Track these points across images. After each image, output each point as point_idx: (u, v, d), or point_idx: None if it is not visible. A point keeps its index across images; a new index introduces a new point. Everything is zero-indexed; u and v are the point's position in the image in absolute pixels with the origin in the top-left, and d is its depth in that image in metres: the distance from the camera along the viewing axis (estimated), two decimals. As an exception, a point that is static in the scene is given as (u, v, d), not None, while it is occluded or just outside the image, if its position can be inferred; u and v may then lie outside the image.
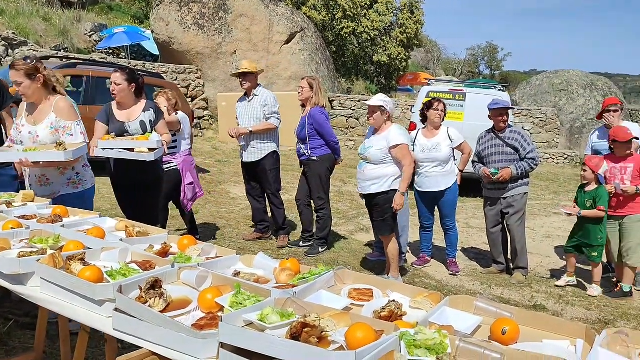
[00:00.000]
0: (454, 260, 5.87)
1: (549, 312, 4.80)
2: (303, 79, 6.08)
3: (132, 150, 4.14)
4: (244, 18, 15.20)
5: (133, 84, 4.36)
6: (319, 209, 6.06)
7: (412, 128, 8.40)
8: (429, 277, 5.66)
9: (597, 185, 5.14)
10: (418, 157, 5.58)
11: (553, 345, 1.73)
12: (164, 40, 15.03)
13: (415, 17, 25.27)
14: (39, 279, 2.24)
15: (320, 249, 6.06)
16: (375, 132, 4.96)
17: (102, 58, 15.47)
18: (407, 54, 25.96)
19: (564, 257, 5.73)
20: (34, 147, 3.69)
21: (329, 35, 22.77)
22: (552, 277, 5.78)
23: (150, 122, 4.39)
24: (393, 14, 25.44)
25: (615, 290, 5.26)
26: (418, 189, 5.75)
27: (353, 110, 16.53)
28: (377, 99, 4.90)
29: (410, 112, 13.64)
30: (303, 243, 6.24)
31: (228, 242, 6.27)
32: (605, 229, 5.18)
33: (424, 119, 5.76)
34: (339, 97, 16.73)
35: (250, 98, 6.08)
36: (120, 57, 18.04)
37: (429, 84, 10.53)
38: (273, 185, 6.17)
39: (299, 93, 6.01)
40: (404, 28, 24.93)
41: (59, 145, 3.61)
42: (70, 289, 2.11)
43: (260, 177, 6.17)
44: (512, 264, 5.77)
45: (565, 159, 15.61)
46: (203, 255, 2.57)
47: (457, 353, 1.55)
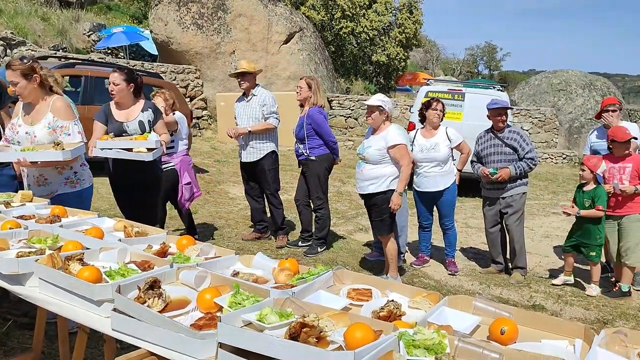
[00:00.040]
0: (453, 260, 5.88)
1: (548, 311, 4.81)
2: (301, 79, 6.08)
3: (130, 150, 4.13)
4: (243, 18, 15.20)
5: (131, 84, 4.35)
6: (318, 209, 6.06)
7: (410, 128, 8.40)
8: (428, 277, 5.66)
9: (595, 185, 5.14)
10: (417, 157, 5.58)
11: (552, 345, 1.73)
12: (163, 40, 15.02)
13: (414, 17, 25.26)
14: (38, 279, 2.24)
15: (319, 249, 6.06)
16: (374, 132, 4.96)
17: (100, 58, 15.45)
18: (405, 54, 25.94)
19: (563, 256, 5.73)
20: (32, 147, 3.69)
21: (328, 35, 22.77)
22: (550, 276, 5.79)
23: (149, 122, 4.38)
24: (392, 14, 25.41)
25: (614, 290, 5.27)
26: (417, 189, 5.75)
27: (352, 110, 16.53)
28: (375, 99, 4.90)
29: (409, 112, 13.63)
30: (302, 243, 6.24)
31: (227, 242, 6.26)
32: (604, 229, 5.19)
33: (423, 119, 5.76)
34: (338, 97, 16.73)
35: (249, 98, 6.08)
36: (119, 57, 18.03)
37: (428, 84, 10.53)
38: (272, 185, 6.17)
39: (297, 93, 6.01)
40: (403, 28, 24.91)
41: (57, 145, 3.61)
42: (69, 289, 2.11)
43: (259, 177, 6.17)
44: (510, 264, 5.77)
45: (564, 159, 15.62)
46: (202, 255, 2.57)
47: (455, 353, 1.55)
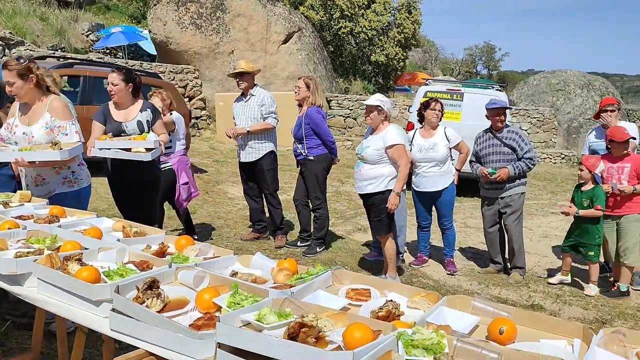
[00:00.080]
0: (452, 260, 5.88)
1: (547, 311, 4.81)
2: (299, 79, 6.08)
3: (129, 150, 4.13)
4: (242, 18, 15.19)
5: (130, 84, 4.35)
6: (316, 209, 6.06)
7: (409, 128, 8.40)
8: (427, 276, 5.66)
9: (593, 185, 5.15)
10: (415, 157, 5.58)
11: (550, 345, 1.73)
12: (161, 40, 15.00)
13: (413, 17, 25.25)
14: (36, 280, 2.24)
15: (318, 249, 6.06)
16: (373, 132, 4.96)
17: (99, 58, 15.42)
18: (404, 54, 25.94)
19: (561, 256, 5.74)
20: (29, 147, 3.68)
21: (327, 35, 22.76)
22: (549, 276, 5.79)
23: (148, 122, 4.38)
24: (390, 14, 25.41)
25: (613, 290, 5.28)
26: (415, 189, 5.76)
27: (351, 110, 16.53)
28: (374, 99, 4.90)
29: (408, 112, 13.64)
30: (301, 243, 6.24)
31: (226, 242, 6.26)
32: (602, 229, 5.19)
33: (422, 119, 5.76)
34: (337, 96, 16.73)
35: (247, 98, 6.07)
36: (118, 57, 18.00)
37: (427, 84, 10.54)
38: (270, 185, 6.17)
39: (296, 93, 6.02)
40: (402, 28, 24.91)
41: (54, 145, 3.60)
42: (68, 290, 2.11)
43: (258, 177, 6.16)
44: (509, 264, 5.77)
45: (563, 159, 15.64)
46: (200, 256, 2.56)
47: (454, 353, 1.55)
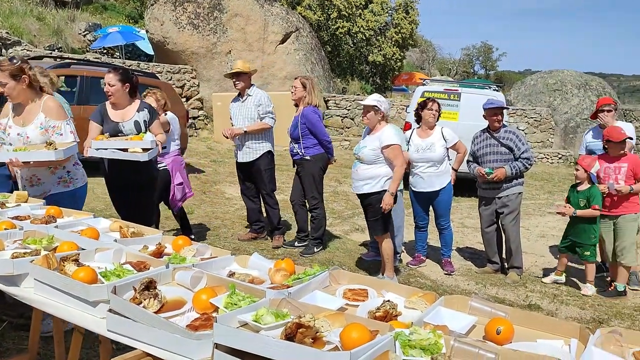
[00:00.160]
0: (449, 260, 5.89)
1: (544, 311, 4.82)
2: (296, 79, 6.07)
3: (126, 151, 4.12)
4: (239, 18, 15.18)
5: (127, 84, 4.34)
6: (313, 209, 6.06)
7: (407, 128, 8.40)
8: (424, 276, 5.67)
9: (589, 185, 5.16)
10: (412, 157, 5.59)
11: (547, 345, 1.73)
12: (159, 40, 14.99)
13: (410, 17, 25.28)
14: (33, 280, 2.23)
15: (316, 249, 6.05)
16: (371, 132, 4.97)
17: (96, 58, 15.38)
18: (402, 54, 25.97)
19: (558, 256, 5.75)
20: (24, 147, 3.67)
21: (324, 35, 22.77)
22: (544, 276, 5.79)
23: (145, 122, 4.37)
24: (388, 14, 25.44)
25: (609, 290, 5.29)
26: (413, 189, 5.76)
27: (348, 110, 16.54)
28: (371, 99, 4.90)
29: (405, 112, 13.66)
30: (298, 243, 6.23)
31: (223, 242, 6.25)
32: (598, 228, 5.20)
33: (419, 119, 5.77)
34: (334, 97, 16.73)
35: (244, 98, 6.07)
36: (115, 56, 17.97)
37: (424, 84, 10.55)
38: (268, 186, 6.16)
39: (292, 93, 6.01)
40: (399, 28, 24.94)
41: (49, 145, 3.59)
42: (64, 290, 2.10)
43: (255, 177, 6.16)
44: (506, 264, 5.78)
45: (560, 159, 15.67)
46: (198, 256, 2.56)
47: (451, 353, 1.55)
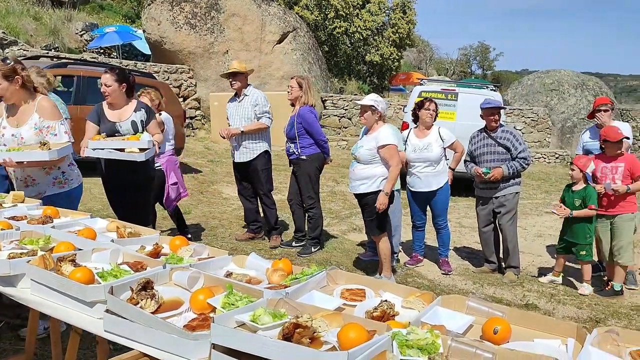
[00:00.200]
0: (447, 260, 5.89)
1: (541, 310, 4.83)
2: (292, 79, 6.08)
3: (122, 151, 4.11)
4: (236, 18, 15.16)
5: (124, 84, 4.32)
6: (309, 209, 6.05)
7: (404, 128, 8.41)
8: (422, 276, 5.67)
9: (585, 185, 5.17)
10: (409, 157, 5.59)
11: (544, 345, 1.73)
12: (156, 40, 14.96)
13: (408, 16, 25.31)
14: (30, 281, 2.23)
15: (313, 249, 6.05)
16: (368, 131, 4.97)
17: (93, 58, 15.36)
18: (399, 54, 26.00)
19: (555, 256, 5.76)
20: (18, 147, 3.65)
21: (322, 35, 22.76)
22: (541, 275, 5.80)
23: (142, 122, 4.36)
24: (385, 14, 25.47)
25: (606, 289, 5.30)
26: (410, 189, 5.76)
27: (345, 110, 16.53)
28: (368, 99, 4.90)
29: (403, 112, 13.67)
30: (296, 243, 6.23)
31: (220, 242, 6.25)
32: (594, 228, 5.22)
33: (416, 119, 5.77)
34: (332, 96, 16.72)
35: (241, 98, 6.07)
36: (112, 56, 17.94)
37: (422, 84, 10.55)
38: (265, 186, 6.16)
39: (288, 92, 6.02)
40: (396, 28, 24.96)
41: (43, 145, 3.57)
42: (61, 291, 2.09)
43: (252, 177, 6.15)
44: (504, 263, 5.79)
45: (557, 158, 15.69)
46: (195, 256, 2.56)
47: (449, 353, 1.55)
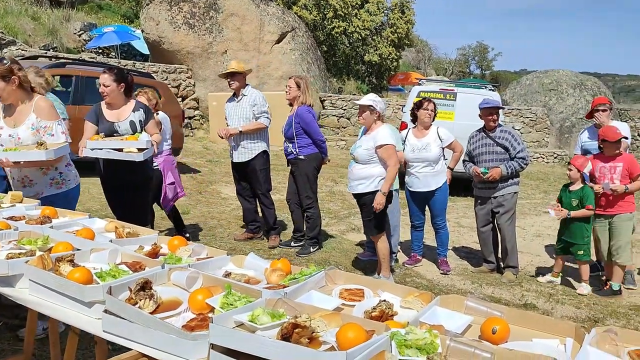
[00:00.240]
0: (445, 260, 5.90)
1: (539, 310, 4.83)
2: (290, 78, 6.08)
3: (121, 151, 4.11)
4: (235, 17, 15.16)
5: (122, 84, 4.31)
6: (307, 208, 6.05)
7: (403, 128, 8.41)
8: (420, 276, 5.67)
9: (582, 185, 5.18)
10: (408, 157, 5.59)
11: (543, 344, 1.73)
12: (154, 40, 14.95)
13: (406, 16, 25.33)
14: (28, 281, 2.22)
15: (312, 249, 6.05)
16: (367, 131, 4.97)
17: (91, 57, 15.36)
18: (398, 54, 26.01)
19: (554, 255, 5.76)
20: (15, 147, 3.64)
21: (320, 35, 22.77)
22: (540, 275, 5.80)
23: (140, 122, 4.36)
24: (384, 14, 25.48)
25: (605, 289, 5.30)
26: (409, 189, 5.76)
27: (344, 110, 16.54)
28: (366, 99, 4.90)
29: (401, 111, 13.67)
30: (294, 243, 6.23)
31: (219, 242, 6.25)
32: (591, 227, 5.23)
33: (415, 119, 5.77)
34: (330, 96, 16.73)
35: (239, 98, 6.07)
36: (110, 56, 17.93)
37: (420, 84, 10.55)
38: (263, 186, 6.16)
39: (287, 92, 6.02)
40: (395, 28, 24.98)
41: (40, 145, 3.56)
42: (60, 291, 2.09)
43: (250, 177, 6.15)
44: (502, 263, 5.79)
45: (555, 158, 15.71)
46: (193, 256, 2.55)
47: (447, 352, 1.55)
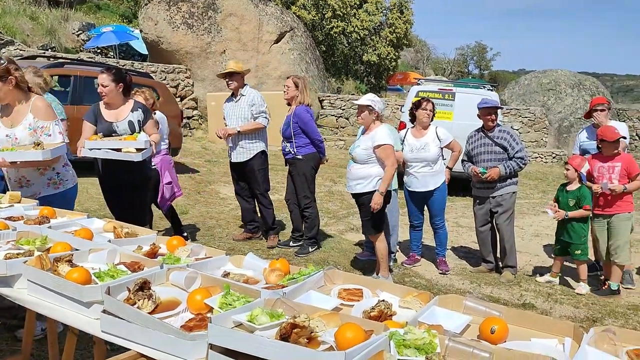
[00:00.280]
0: (444, 259, 5.90)
1: (538, 310, 4.84)
2: (288, 78, 6.08)
3: (119, 151, 4.11)
4: (233, 17, 15.15)
5: (121, 84, 4.30)
6: (305, 208, 6.05)
7: (401, 127, 8.42)
8: (419, 276, 5.67)
9: (579, 185, 5.19)
10: (407, 156, 5.60)
11: (541, 344, 1.73)
12: (153, 40, 14.94)
13: (405, 16, 25.32)
14: (26, 281, 2.22)
15: (310, 249, 6.05)
16: (365, 131, 4.97)
17: (90, 57, 15.32)
18: (396, 54, 26.00)
19: (553, 257, 5.77)
20: (12, 147, 3.64)
21: (319, 35, 22.76)
22: (538, 274, 5.81)
23: (139, 122, 4.35)
24: (382, 14, 25.47)
25: (603, 288, 5.31)
26: (407, 189, 5.77)
27: (343, 110, 16.54)
28: (365, 99, 4.90)
29: (400, 111, 13.68)
30: (293, 243, 6.23)
31: (218, 242, 6.24)
32: (588, 227, 5.23)
33: (413, 119, 5.77)
34: (329, 96, 16.73)
35: (238, 98, 6.06)
36: (109, 56, 17.91)
37: (419, 84, 10.56)
38: (261, 186, 6.16)
39: (285, 92, 6.03)
40: (394, 28, 24.97)
41: (37, 145, 3.56)
42: (58, 291, 2.09)
43: (249, 177, 6.15)
44: (501, 263, 5.79)
45: (554, 158, 15.72)
46: (192, 256, 2.55)
47: (446, 352, 1.55)
